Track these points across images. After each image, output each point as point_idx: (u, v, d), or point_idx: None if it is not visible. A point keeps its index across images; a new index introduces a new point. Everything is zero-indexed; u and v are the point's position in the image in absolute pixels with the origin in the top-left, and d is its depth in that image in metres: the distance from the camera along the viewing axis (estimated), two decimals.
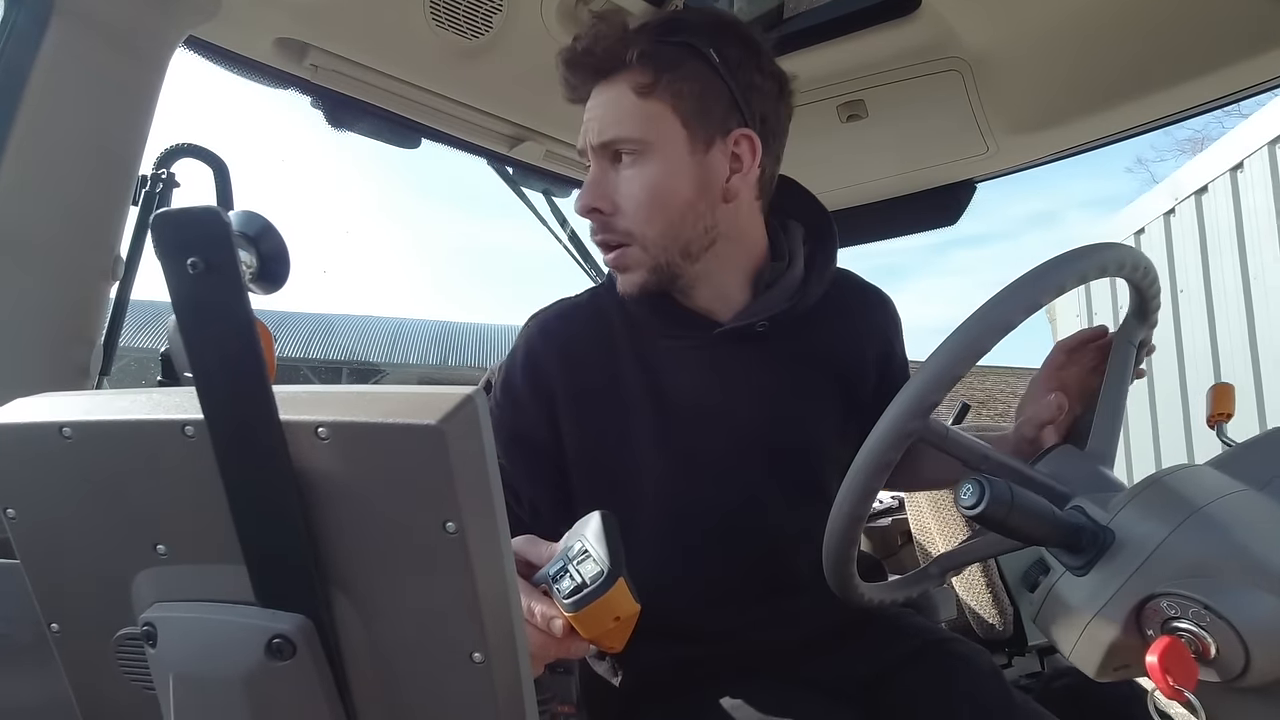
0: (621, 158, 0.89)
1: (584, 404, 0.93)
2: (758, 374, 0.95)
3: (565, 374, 0.93)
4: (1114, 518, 0.64)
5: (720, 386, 0.94)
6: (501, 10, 1.23)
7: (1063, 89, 1.35)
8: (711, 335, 0.93)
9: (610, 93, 0.89)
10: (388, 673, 0.42)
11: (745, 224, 0.95)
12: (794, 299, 0.95)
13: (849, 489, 0.72)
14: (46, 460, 0.42)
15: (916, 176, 1.67)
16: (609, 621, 0.56)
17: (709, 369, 0.94)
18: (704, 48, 0.88)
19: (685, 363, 0.94)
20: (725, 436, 0.93)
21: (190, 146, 1.12)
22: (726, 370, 0.94)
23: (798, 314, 0.95)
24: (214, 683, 0.41)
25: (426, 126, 1.47)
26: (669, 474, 0.92)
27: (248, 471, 0.39)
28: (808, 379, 0.97)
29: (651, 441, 0.92)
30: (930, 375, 0.68)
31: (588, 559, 0.56)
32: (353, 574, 0.41)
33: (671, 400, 0.93)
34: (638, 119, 0.87)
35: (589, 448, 0.93)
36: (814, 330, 0.98)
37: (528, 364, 0.95)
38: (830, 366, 0.99)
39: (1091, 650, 0.63)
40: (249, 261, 0.47)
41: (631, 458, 0.92)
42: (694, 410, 0.93)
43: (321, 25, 1.21)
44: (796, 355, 0.97)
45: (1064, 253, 0.70)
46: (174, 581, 0.43)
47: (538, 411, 0.94)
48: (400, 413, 0.38)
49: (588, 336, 0.95)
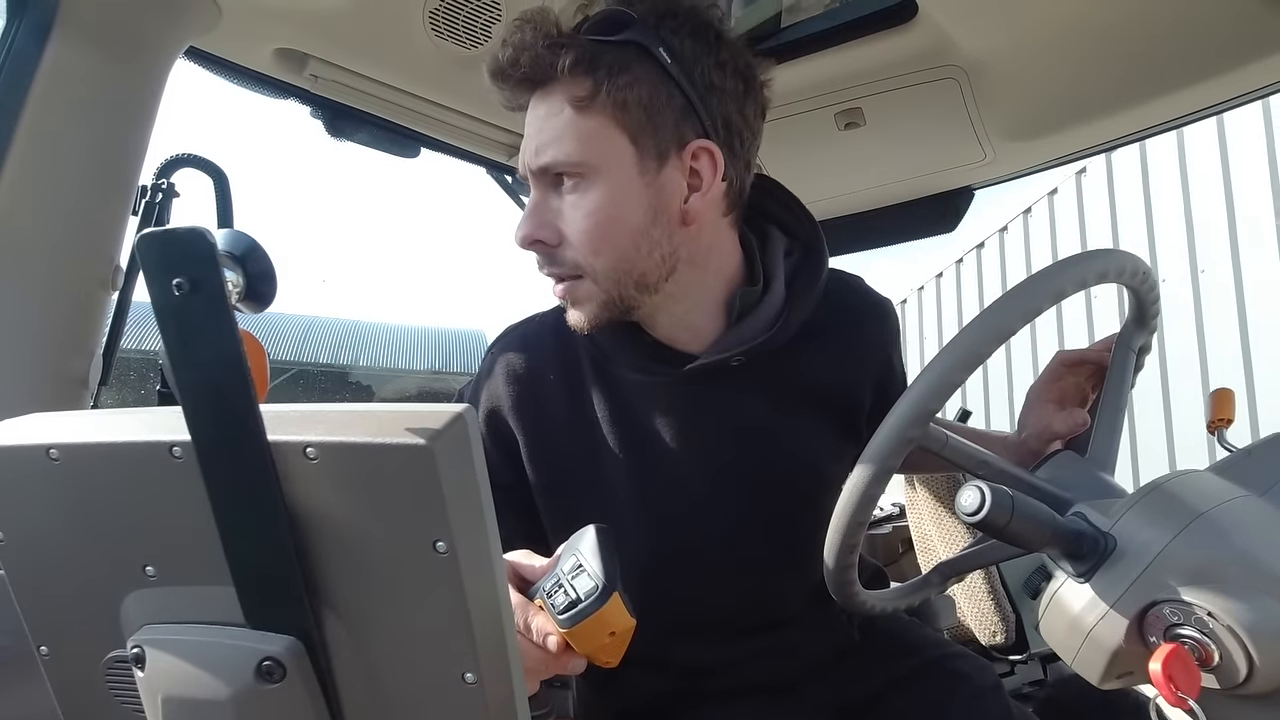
0: (563, 181, 0.77)
1: (548, 443, 0.86)
2: (735, 412, 0.86)
3: (527, 412, 0.86)
4: (1116, 524, 0.64)
5: (695, 425, 0.85)
6: (501, 20, 1.23)
7: (1060, 96, 1.35)
8: (681, 372, 0.83)
9: (545, 107, 0.77)
10: (379, 694, 0.42)
11: (711, 245, 0.84)
12: (773, 328, 0.84)
13: (849, 496, 0.72)
14: (34, 482, 0.42)
15: (914, 184, 1.67)
16: (604, 637, 0.56)
17: (682, 407, 0.85)
18: (652, 45, 0.75)
19: (656, 399, 0.86)
20: (702, 477, 0.85)
21: (190, 157, 1.12)
22: (701, 408, 0.85)
23: (778, 345, 0.85)
24: (204, 705, 0.41)
25: (426, 136, 1.47)
26: (644, 516, 0.85)
27: (236, 493, 0.38)
28: (793, 411, 0.88)
29: (623, 482, 0.85)
30: (930, 383, 0.68)
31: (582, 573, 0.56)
32: (343, 595, 0.41)
33: (644, 438, 0.85)
34: (577, 138, 0.75)
35: (556, 487, 0.87)
36: (799, 357, 0.87)
37: (486, 402, 0.88)
38: (818, 394, 0.89)
39: (1094, 657, 0.63)
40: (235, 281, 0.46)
41: (602, 499, 0.85)
42: (667, 451, 0.85)
43: (321, 36, 1.21)
44: (780, 387, 0.87)
45: (1063, 259, 0.70)
46: (163, 603, 0.42)
47: (498, 453, 0.88)
48: (389, 432, 0.37)
49: (554, 365, 0.88)
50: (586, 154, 0.75)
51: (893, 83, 1.38)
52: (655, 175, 0.77)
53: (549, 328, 0.91)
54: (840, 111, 1.46)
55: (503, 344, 0.92)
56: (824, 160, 1.60)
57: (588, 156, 0.75)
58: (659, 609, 0.85)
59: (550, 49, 0.74)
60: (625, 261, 0.78)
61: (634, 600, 0.87)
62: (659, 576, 0.84)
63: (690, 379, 0.84)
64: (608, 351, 0.87)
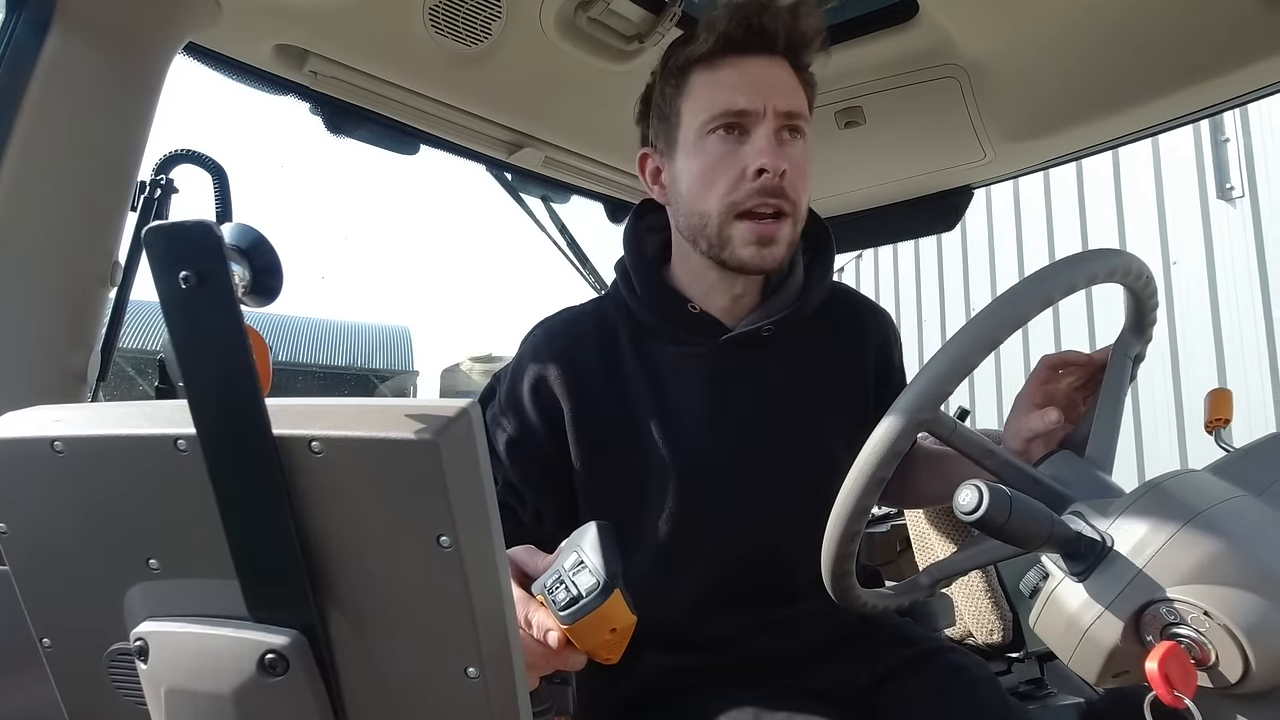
0: (792, 133, 0.91)
1: (590, 412, 0.93)
2: (761, 383, 0.95)
3: (570, 383, 0.94)
4: (1113, 523, 0.64)
5: (725, 393, 0.94)
6: (500, 17, 1.23)
7: (1060, 95, 1.35)
8: (718, 341, 0.94)
9: (775, 64, 0.91)
10: (381, 688, 0.42)
11: None
12: (797, 303, 0.96)
13: (855, 479, 0.72)
14: (38, 474, 0.42)
15: (914, 183, 1.67)
16: (605, 633, 0.56)
17: (714, 374, 0.95)
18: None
19: (691, 369, 0.94)
20: (726, 443, 0.93)
21: (189, 152, 1.12)
22: (732, 375, 0.95)
23: (800, 319, 0.97)
24: (206, 699, 0.41)
25: (425, 133, 1.46)
26: (675, 479, 0.92)
27: (240, 486, 0.38)
28: (809, 384, 0.97)
29: (658, 447, 0.92)
30: (942, 366, 0.68)
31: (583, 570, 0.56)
32: (346, 589, 0.41)
33: (677, 407, 0.93)
34: (801, 99, 0.92)
35: (596, 455, 0.94)
36: (814, 338, 0.99)
37: (532, 374, 0.95)
38: (830, 375, 0.99)
39: (1091, 656, 0.63)
40: (242, 275, 0.46)
41: (637, 464, 0.93)
42: (696, 417, 0.93)
43: (321, 32, 1.21)
44: (799, 361, 0.97)
45: (1076, 254, 0.71)
46: (166, 596, 0.42)
47: (541, 421, 0.94)
48: (394, 426, 0.37)
49: (593, 344, 0.96)
50: (805, 114, 0.92)
51: (893, 81, 1.38)
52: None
53: (588, 315, 1.01)
54: (840, 110, 1.46)
55: (545, 328, 1.01)
56: (824, 159, 1.60)
57: (805, 115, 0.92)
58: (679, 573, 0.92)
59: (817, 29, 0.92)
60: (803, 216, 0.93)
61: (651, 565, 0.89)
62: (681, 538, 0.92)
63: (724, 348, 0.94)
64: (647, 327, 0.97)
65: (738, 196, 0.89)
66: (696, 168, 0.91)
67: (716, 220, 0.90)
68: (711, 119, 0.89)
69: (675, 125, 0.94)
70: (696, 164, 0.91)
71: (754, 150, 0.88)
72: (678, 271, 1.00)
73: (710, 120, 0.90)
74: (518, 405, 0.95)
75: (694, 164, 0.91)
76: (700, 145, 0.91)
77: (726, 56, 0.90)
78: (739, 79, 0.89)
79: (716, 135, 0.90)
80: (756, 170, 0.87)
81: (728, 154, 0.89)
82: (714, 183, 0.89)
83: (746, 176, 0.88)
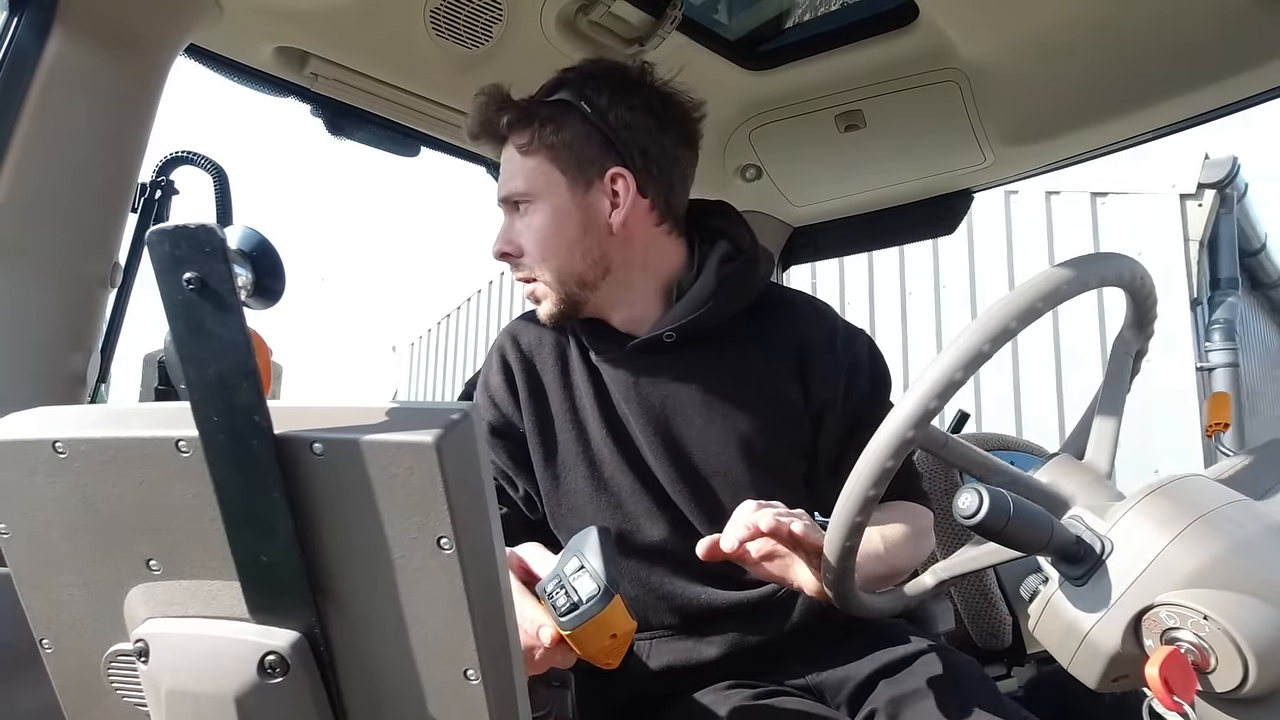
0: (519, 207, 1.01)
1: (540, 409, 1.03)
2: (671, 386, 1.01)
3: (527, 376, 1.04)
4: (1113, 527, 0.64)
5: (640, 398, 1.01)
6: (501, 20, 1.23)
7: (1060, 100, 1.36)
8: (625, 350, 1.02)
9: (505, 153, 1.02)
10: (381, 690, 0.42)
11: (647, 250, 1.03)
12: (699, 310, 1.00)
13: (848, 497, 0.72)
14: (39, 476, 0.42)
15: (914, 186, 1.67)
16: (605, 639, 0.56)
17: (630, 381, 1.02)
18: (575, 100, 0.99)
19: (612, 374, 1.03)
20: (651, 445, 0.99)
21: (190, 154, 1.12)
22: (642, 382, 1.01)
23: (706, 326, 1.01)
24: (207, 699, 0.41)
25: (426, 135, 1.46)
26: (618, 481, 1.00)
27: (242, 488, 0.38)
28: (722, 392, 1.01)
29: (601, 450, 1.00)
30: (930, 383, 0.68)
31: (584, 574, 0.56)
32: (347, 591, 0.41)
33: (610, 412, 1.02)
34: (523, 174, 1.00)
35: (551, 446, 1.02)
36: (725, 343, 1.03)
37: (501, 365, 1.06)
38: (739, 377, 1.02)
39: (1091, 661, 0.63)
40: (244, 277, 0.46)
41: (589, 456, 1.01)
42: (625, 422, 1.01)
43: (322, 34, 1.21)
44: (711, 369, 1.02)
45: (1064, 262, 0.70)
46: (167, 597, 0.42)
47: (514, 409, 1.04)
48: (395, 429, 0.38)
49: (548, 346, 1.06)
50: (530, 185, 0.99)
51: (893, 85, 1.38)
52: (584, 197, 0.99)
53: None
54: (840, 114, 1.46)
55: (512, 326, 1.11)
56: (824, 162, 1.60)
57: (531, 187, 0.99)
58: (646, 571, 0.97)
59: (498, 113, 1.00)
60: (565, 265, 1.00)
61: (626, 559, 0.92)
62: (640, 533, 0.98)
63: (633, 355, 1.02)
64: (583, 339, 1.05)
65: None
66: None
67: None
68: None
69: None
70: None
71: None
72: None
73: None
74: (492, 395, 1.05)
75: None
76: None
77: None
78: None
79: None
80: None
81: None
82: None
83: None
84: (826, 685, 0.94)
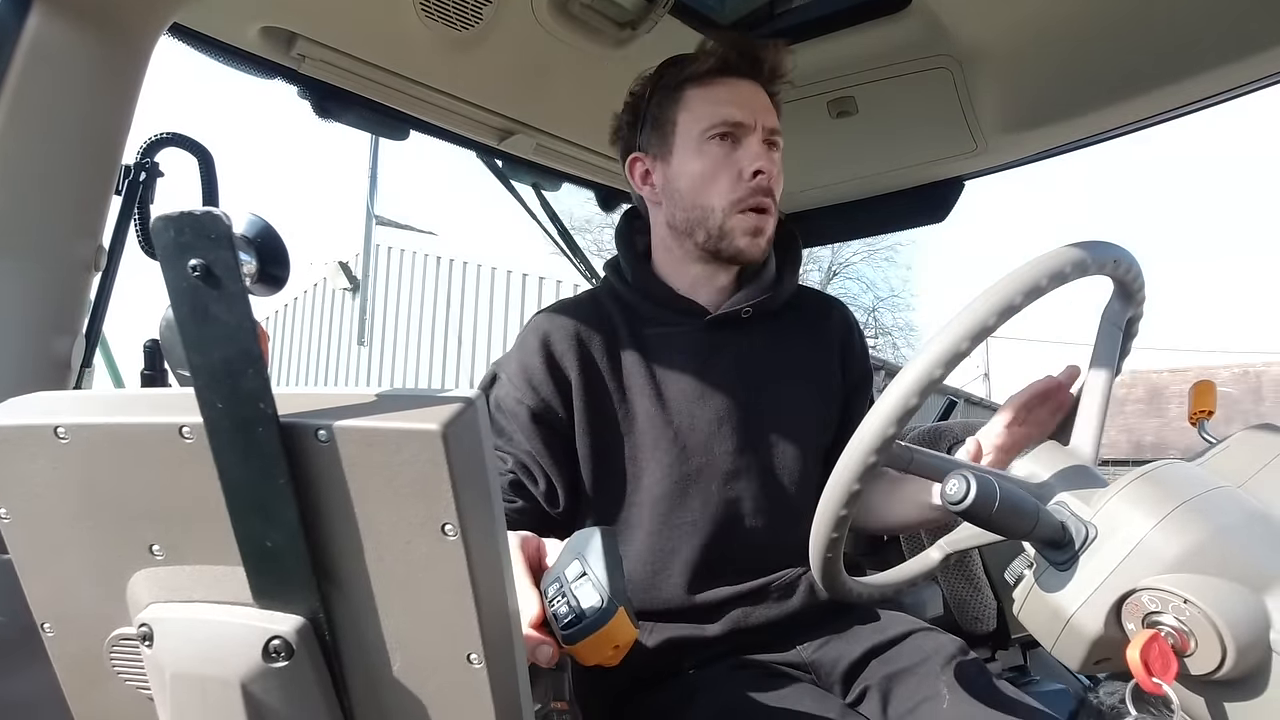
0: (774, 146, 1.06)
1: (593, 385, 1.03)
2: (741, 360, 1.06)
3: (577, 357, 1.03)
4: (1097, 513, 0.65)
5: (708, 369, 1.04)
6: (491, 2, 1.22)
7: (1052, 87, 1.36)
8: (703, 321, 1.06)
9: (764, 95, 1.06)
10: (385, 675, 0.42)
11: None
12: (771, 291, 1.08)
13: (832, 488, 0.73)
14: (41, 460, 0.42)
15: (905, 173, 1.67)
16: (607, 650, 0.54)
17: (700, 350, 1.05)
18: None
19: (679, 347, 1.05)
20: (710, 416, 1.02)
21: (175, 136, 1.10)
22: (714, 354, 1.05)
23: (774, 306, 1.09)
24: (211, 683, 0.41)
25: (415, 118, 1.45)
26: (667, 444, 1.00)
27: (247, 473, 0.38)
28: (784, 360, 1.08)
29: (651, 415, 1.01)
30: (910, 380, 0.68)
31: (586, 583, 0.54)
32: (351, 576, 0.41)
33: (663, 382, 1.03)
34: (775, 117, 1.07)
35: (597, 427, 1.02)
36: (787, 322, 1.11)
37: (543, 348, 1.03)
38: (801, 354, 1.10)
39: (1074, 644, 0.64)
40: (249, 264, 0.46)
41: (633, 432, 1.02)
42: (682, 391, 1.03)
43: (308, 14, 1.19)
44: (775, 340, 1.09)
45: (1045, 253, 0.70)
46: (171, 582, 0.43)
47: (554, 392, 1.02)
48: (401, 416, 0.38)
49: (593, 326, 1.06)
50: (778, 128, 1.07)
51: (885, 71, 1.38)
52: None
53: (586, 302, 1.11)
54: (833, 100, 1.47)
55: (548, 312, 1.11)
56: (816, 148, 1.61)
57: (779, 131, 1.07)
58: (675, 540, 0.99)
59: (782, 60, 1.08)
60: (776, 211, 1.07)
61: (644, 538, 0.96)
62: (672, 505, 1.00)
63: (708, 328, 1.06)
64: (640, 312, 1.08)
65: (738, 193, 1.03)
66: (697, 168, 1.04)
67: (720, 214, 1.04)
68: (711, 127, 1.03)
69: (670, 133, 1.07)
70: (697, 165, 1.04)
71: (749, 155, 1.03)
72: (662, 266, 1.12)
73: (710, 128, 1.03)
74: (531, 380, 1.02)
75: (694, 165, 1.04)
76: (700, 150, 1.04)
77: (721, 77, 1.05)
78: (733, 96, 1.04)
79: (714, 142, 1.03)
80: (754, 171, 1.02)
81: (725, 157, 1.03)
82: (715, 180, 1.03)
83: (743, 177, 1.02)
84: (821, 664, 0.98)
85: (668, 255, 1.11)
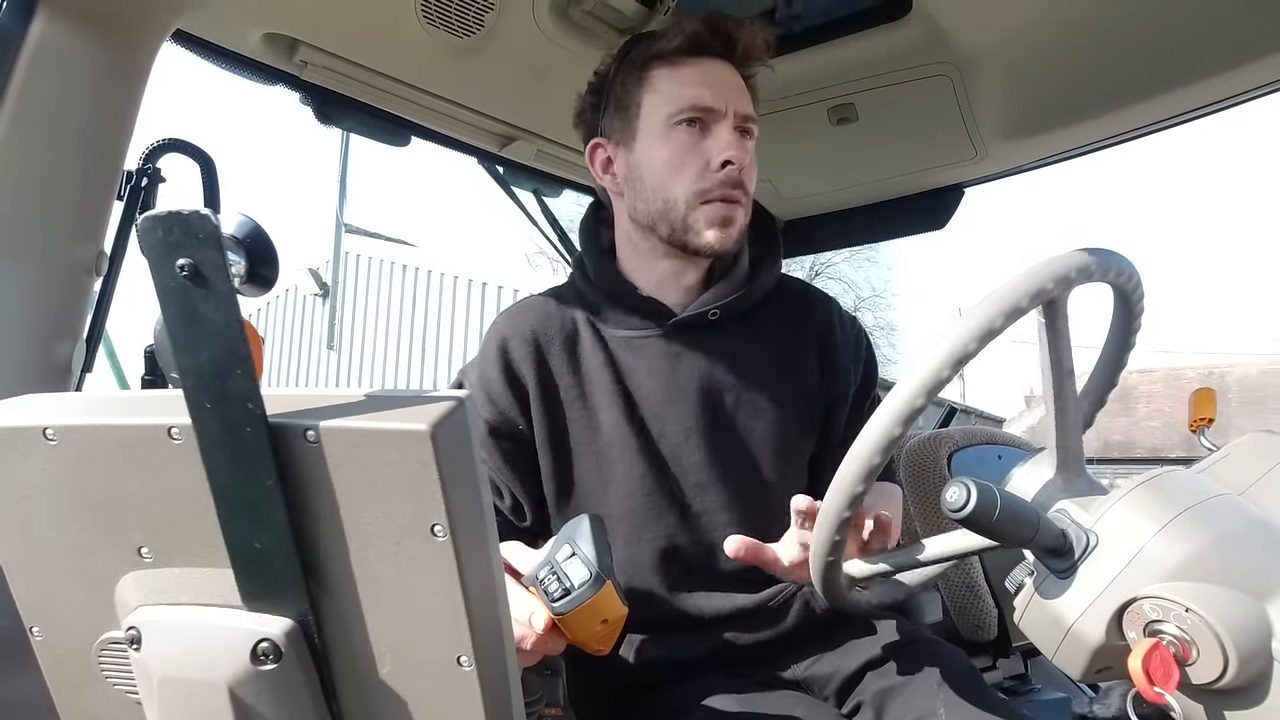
0: (747, 134, 0.98)
1: (552, 395, 0.97)
2: (709, 365, 0.99)
3: (534, 365, 0.98)
4: (1098, 521, 0.64)
5: (675, 375, 0.98)
6: (493, 9, 1.22)
7: (1052, 95, 1.36)
8: (668, 324, 0.99)
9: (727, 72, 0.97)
10: (374, 677, 0.42)
11: None
12: (741, 291, 1.00)
13: (834, 494, 0.72)
14: (30, 463, 0.42)
15: (905, 180, 1.67)
16: (596, 624, 0.57)
17: (665, 354, 0.99)
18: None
19: (643, 350, 0.99)
20: (679, 424, 0.97)
21: (177, 142, 1.11)
22: (680, 355, 0.99)
23: (745, 307, 1.01)
24: (199, 686, 0.41)
25: (417, 125, 1.45)
26: (630, 460, 0.95)
27: (235, 475, 0.38)
28: (753, 365, 1.01)
29: (616, 424, 0.96)
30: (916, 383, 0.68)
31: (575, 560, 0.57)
32: (340, 578, 0.41)
33: (629, 389, 0.97)
34: (749, 103, 0.98)
35: (557, 439, 0.97)
36: (759, 324, 1.03)
37: (501, 356, 0.99)
38: (773, 357, 1.02)
39: (1075, 653, 0.64)
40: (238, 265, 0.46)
41: (597, 441, 0.97)
42: (650, 398, 0.97)
43: (311, 21, 1.20)
44: (743, 343, 1.01)
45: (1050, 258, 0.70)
46: (159, 585, 0.42)
47: (513, 404, 0.98)
48: (390, 417, 0.38)
49: (553, 330, 1.00)
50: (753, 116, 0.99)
51: (886, 78, 1.38)
52: None
53: (547, 302, 1.04)
54: (833, 107, 1.47)
55: (508, 315, 1.04)
56: (816, 155, 1.61)
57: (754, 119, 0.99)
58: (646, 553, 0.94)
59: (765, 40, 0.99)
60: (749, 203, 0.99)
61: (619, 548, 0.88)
62: (643, 519, 0.95)
63: (675, 331, 0.99)
64: (603, 313, 1.01)
65: (704, 185, 0.94)
66: (662, 157, 0.95)
67: (683, 205, 0.95)
68: (679, 112, 0.94)
69: (634, 117, 0.98)
70: (662, 153, 0.96)
71: (718, 144, 0.94)
72: (626, 263, 1.04)
73: (677, 113, 0.95)
74: (490, 391, 0.98)
75: (658, 153, 0.96)
76: (666, 136, 0.95)
77: (691, 57, 0.96)
78: (704, 78, 0.96)
79: (682, 128, 0.95)
80: (722, 162, 0.93)
81: (693, 146, 0.95)
82: (681, 170, 0.95)
83: (711, 167, 0.94)
84: (816, 679, 0.95)
85: (632, 251, 1.03)
